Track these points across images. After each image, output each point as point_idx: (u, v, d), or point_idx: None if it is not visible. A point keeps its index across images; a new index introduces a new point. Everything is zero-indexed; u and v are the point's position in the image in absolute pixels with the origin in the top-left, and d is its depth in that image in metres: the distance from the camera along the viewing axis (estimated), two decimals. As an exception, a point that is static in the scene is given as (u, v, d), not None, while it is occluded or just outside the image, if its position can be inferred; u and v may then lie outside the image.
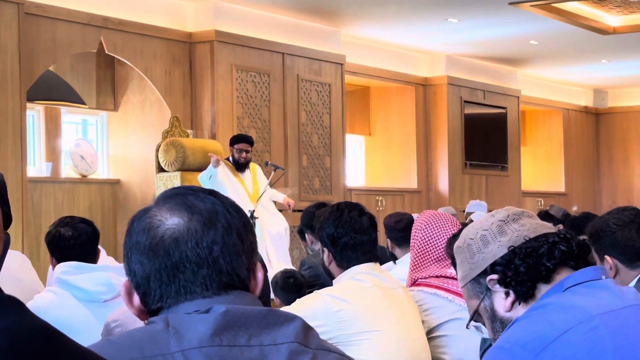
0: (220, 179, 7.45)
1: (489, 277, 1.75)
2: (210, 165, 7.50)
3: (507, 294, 1.74)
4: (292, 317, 1.31)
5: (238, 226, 1.34)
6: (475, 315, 1.79)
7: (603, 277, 1.72)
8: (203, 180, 7.46)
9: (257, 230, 7.36)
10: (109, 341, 1.29)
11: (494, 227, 1.76)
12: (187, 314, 1.27)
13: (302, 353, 1.28)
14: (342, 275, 2.94)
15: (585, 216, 5.32)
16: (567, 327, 1.61)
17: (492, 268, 1.74)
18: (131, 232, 1.37)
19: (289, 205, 7.84)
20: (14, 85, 7.09)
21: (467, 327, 1.84)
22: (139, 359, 1.23)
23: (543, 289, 1.72)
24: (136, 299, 1.34)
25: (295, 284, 4.37)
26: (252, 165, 7.92)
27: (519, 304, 1.73)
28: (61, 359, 0.85)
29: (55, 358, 0.85)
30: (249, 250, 1.35)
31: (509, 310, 1.74)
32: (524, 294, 1.72)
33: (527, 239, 1.73)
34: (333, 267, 2.98)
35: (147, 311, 1.33)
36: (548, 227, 1.76)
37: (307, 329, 1.31)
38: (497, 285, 1.74)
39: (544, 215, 6.88)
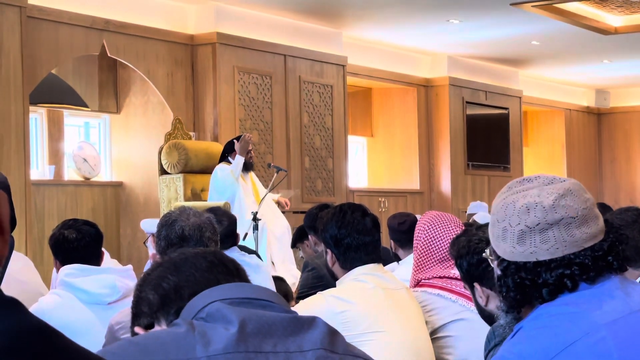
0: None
1: (495, 266, 1.71)
2: (237, 156, 7.43)
3: None
4: (315, 323, 1.30)
5: None
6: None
7: (612, 275, 1.66)
8: (226, 179, 7.40)
9: (260, 232, 7.37)
10: (131, 342, 1.27)
11: (517, 229, 1.65)
12: (209, 325, 1.25)
13: (329, 359, 1.27)
14: (346, 276, 2.94)
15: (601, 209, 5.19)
16: (573, 339, 1.57)
17: (500, 261, 1.69)
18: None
19: (287, 204, 7.85)
20: (16, 88, 7.10)
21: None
22: None
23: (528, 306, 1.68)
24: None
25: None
26: None
27: None
28: (60, 359, 0.85)
29: (54, 358, 0.85)
30: None
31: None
32: (510, 308, 1.69)
33: (537, 260, 1.63)
34: (336, 268, 2.98)
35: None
36: (577, 244, 1.64)
37: (332, 334, 1.31)
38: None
39: None
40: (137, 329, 1.45)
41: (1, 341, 0.83)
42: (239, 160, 7.48)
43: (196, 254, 1.48)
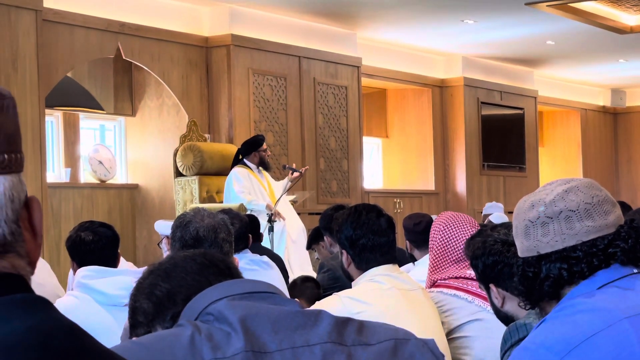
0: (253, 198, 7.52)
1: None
2: (266, 209, 7.40)
3: None
4: (321, 316, 1.28)
5: None
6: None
7: (635, 270, 1.67)
8: (247, 202, 7.44)
9: (280, 234, 7.38)
10: (137, 343, 1.27)
11: (522, 224, 1.71)
12: (214, 327, 1.25)
13: (337, 353, 1.25)
14: (361, 277, 2.94)
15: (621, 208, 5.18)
16: (594, 330, 1.58)
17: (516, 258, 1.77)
18: None
19: (300, 172, 7.72)
20: (32, 91, 7.13)
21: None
22: None
23: (547, 302, 1.71)
24: None
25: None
26: None
27: None
28: (86, 357, 0.87)
29: (82, 356, 0.87)
30: None
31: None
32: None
33: (539, 253, 1.68)
34: (352, 269, 2.98)
35: None
36: (576, 237, 1.66)
37: (340, 325, 1.29)
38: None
39: None
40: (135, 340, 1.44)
41: (32, 337, 0.85)
42: (260, 208, 7.45)
43: (185, 258, 1.47)
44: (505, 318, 2.32)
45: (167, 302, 1.43)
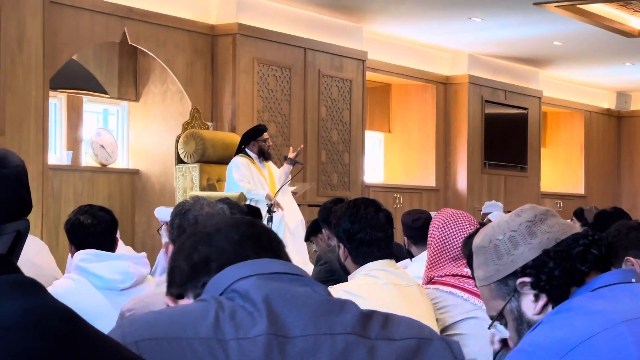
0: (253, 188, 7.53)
1: (519, 280, 1.72)
2: (265, 199, 7.39)
3: (536, 297, 1.71)
4: (348, 305, 1.27)
5: None
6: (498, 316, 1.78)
7: (633, 280, 1.69)
8: (247, 191, 7.44)
9: (278, 225, 7.38)
10: (161, 313, 1.27)
11: (522, 227, 1.72)
12: (237, 305, 1.24)
13: (359, 345, 1.24)
14: (357, 271, 2.95)
15: (617, 213, 5.12)
16: (591, 333, 1.58)
17: (523, 271, 1.71)
18: None
19: (301, 163, 7.73)
20: (37, 73, 7.13)
21: (489, 328, 1.81)
22: (192, 340, 1.20)
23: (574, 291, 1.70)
24: None
25: None
26: None
27: (550, 307, 1.70)
28: (81, 341, 0.88)
29: (75, 339, 0.87)
30: None
31: (539, 313, 1.71)
32: (558, 297, 1.69)
33: (558, 241, 1.70)
34: (348, 263, 2.98)
35: None
36: (574, 228, 1.74)
37: (366, 317, 1.28)
38: (527, 288, 1.72)
39: (579, 214, 7.00)
40: (167, 299, 1.41)
41: (28, 320, 0.86)
42: (260, 198, 7.45)
43: (230, 226, 1.42)
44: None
45: (201, 268, 1.39)
